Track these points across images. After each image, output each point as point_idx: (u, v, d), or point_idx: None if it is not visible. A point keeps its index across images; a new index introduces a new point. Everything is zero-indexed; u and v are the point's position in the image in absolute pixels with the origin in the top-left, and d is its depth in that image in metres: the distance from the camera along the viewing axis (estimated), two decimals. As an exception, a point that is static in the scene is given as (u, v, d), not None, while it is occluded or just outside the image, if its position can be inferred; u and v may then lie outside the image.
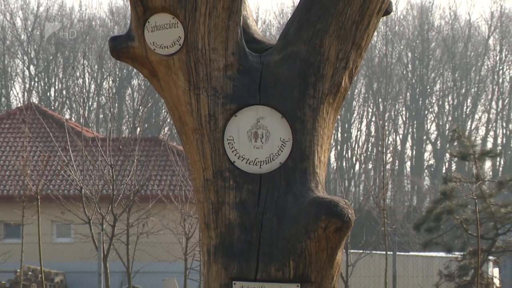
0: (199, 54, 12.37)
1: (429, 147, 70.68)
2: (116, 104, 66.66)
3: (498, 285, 40.56)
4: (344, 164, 66.95)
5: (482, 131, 69.96)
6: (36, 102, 56.58)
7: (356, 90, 64.92)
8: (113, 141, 37.02)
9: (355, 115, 68.01)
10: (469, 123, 67.82)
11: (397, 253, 34.39)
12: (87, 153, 35.54)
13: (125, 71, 62.56)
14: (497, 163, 60.24)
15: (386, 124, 64.84)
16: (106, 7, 66.15)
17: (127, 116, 64.77)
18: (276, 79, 12.45)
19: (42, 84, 68.96)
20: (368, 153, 68.44)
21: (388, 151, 63.52)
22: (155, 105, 59.20)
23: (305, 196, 12.23)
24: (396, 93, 69.26)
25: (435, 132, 70.65)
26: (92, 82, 68.95)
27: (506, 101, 71.25)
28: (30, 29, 69.23)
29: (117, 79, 67.30)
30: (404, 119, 70.17)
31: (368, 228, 38.29)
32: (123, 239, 32.79)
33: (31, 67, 69.48)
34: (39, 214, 20.43)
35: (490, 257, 35.79)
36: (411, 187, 67.59)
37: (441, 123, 69.77)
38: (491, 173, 40.72)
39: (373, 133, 68.54)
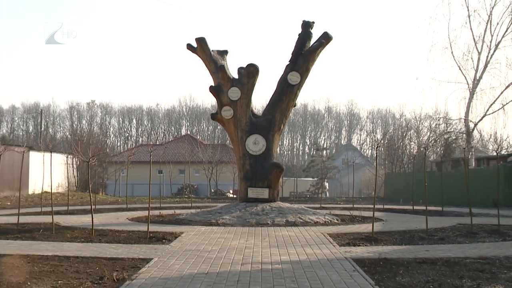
0: (237, 118, 12.09)
1: (307, 147, 69.57)
2: (213, 134, 65.80)
3: (327, 188, 40.23)
4: (280, 152, 65.94)
5: (322, 143, 68.51)
6: (189, 133, 55.64)
7: (285, 129, 63.90)
8: (211, 145, 36.76)
9: (285, 137, 66.91)
10: (319, 141, 66.28)
11: (298, 179, 33.66)
12: (205, 149, 35.02)
13: (216, 124, 61.63)
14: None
15: (295, 141, 64.17)
16: (210, 105, 64.56)
17: (216, 137, 63.79)
18: (262, 126, 12.24)
19: (190, 127, 67.69)
20: (289, 148, 67.39)
21: (295, 149, 63.00)
22: (225, 134, 58.21)
23: (270, 161, 11.99)
24: (296, 131, 68.27)
25: (308, 143, 69.54)
26: (206, 127, 67.62)
27: (334, 138, 69.32)
28: (187, 111, 67.94)
29: (212, 125, 65.93)
30: (298, 139, 69.11)
31: (290, 171, 37.73)
32: (215, 174, 32.29)
33: (187, 122, 68.27)
34: (189, 168, 19.97)
35: (325, 180, 35.38)
36: (302, 160, 66.55)
37: (311, 140, 68.48)
38: (326, 154, 40.37)
39: (290, 143, 67.71)
